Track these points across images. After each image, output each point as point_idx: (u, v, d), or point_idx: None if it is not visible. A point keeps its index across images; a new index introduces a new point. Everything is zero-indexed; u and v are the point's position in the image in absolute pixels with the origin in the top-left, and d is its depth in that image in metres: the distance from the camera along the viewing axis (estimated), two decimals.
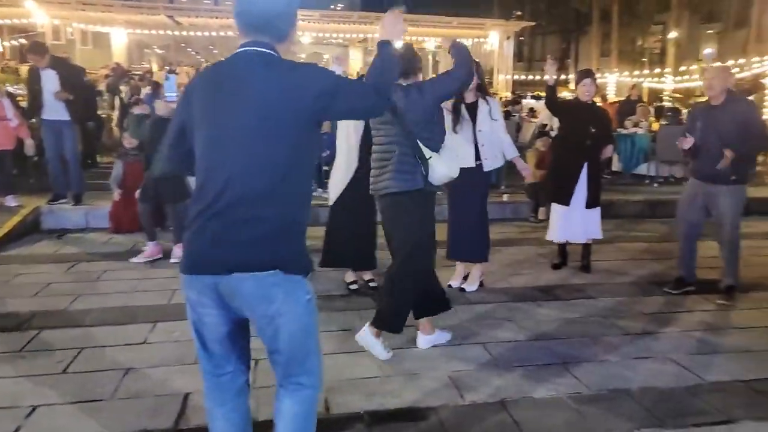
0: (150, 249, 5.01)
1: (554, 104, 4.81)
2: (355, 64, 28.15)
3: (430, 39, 24.05)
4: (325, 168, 6.26)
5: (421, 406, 2.74)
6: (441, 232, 3.79)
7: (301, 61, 2.75)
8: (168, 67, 17.07)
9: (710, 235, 4.33)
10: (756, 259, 5.29)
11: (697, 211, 4.27)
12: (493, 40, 24.11)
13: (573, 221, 4.75)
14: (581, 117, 4.65)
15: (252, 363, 1.98)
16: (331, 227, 4.19)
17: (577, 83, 4.82)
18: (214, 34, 21.08)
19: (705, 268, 4.54)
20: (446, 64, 26.24)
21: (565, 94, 10.32)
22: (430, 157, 3.02)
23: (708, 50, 7.44)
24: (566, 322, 3.82)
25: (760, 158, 10.14)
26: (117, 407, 2.71)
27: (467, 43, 26.34)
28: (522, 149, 8.59)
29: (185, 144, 1.83)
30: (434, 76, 3.73)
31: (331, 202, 4.15)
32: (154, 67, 20.19)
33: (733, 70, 5.71)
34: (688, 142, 4.13)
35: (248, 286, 1.69)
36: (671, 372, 3.15)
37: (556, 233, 4.87)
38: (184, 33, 20.95)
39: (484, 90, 4.30)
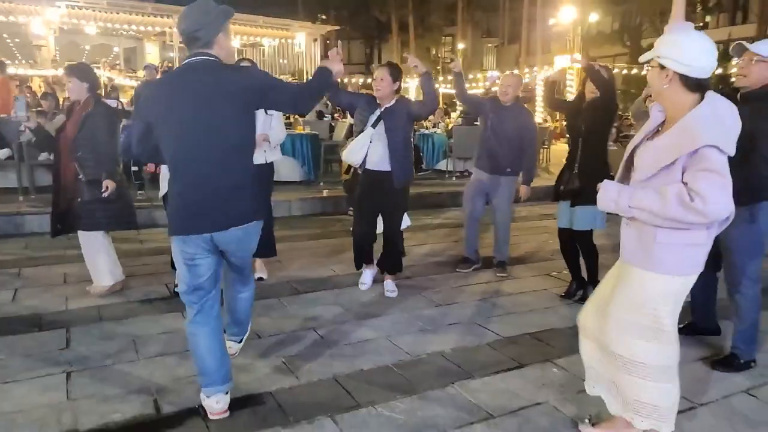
0: None
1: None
2: (152, 59, 26.23)
3: (235, 36, 23.46)
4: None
5: (259, 392, 2.78)
6: None
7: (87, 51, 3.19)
8: None
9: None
10: (531, 237, 6.28)
11: (479, 198, 4.93)
12: (300, 42, 24.37)
13: None
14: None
15: None
16: None
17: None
18: None
19: (488, 247, 5.24)
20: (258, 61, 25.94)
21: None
22: None
23: (492, 73, 8.66)
24: (386, 301, 4.15)
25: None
26: None
27: (274, 43, 26.29)
28: (337, 147, 8.99)
29: (151, 140, 2.43)
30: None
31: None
32: None
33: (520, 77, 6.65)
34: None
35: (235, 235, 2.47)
36: (475, 332, 3.63)
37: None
38: None
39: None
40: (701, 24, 27.81)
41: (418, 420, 2.58)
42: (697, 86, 2.04)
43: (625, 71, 22.40)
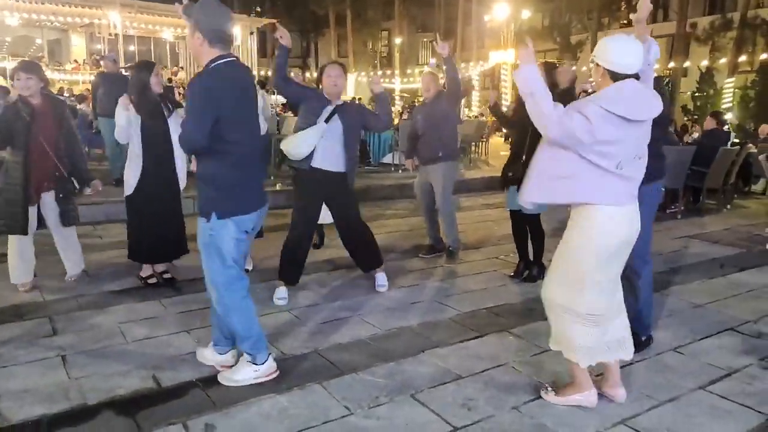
0: None
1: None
2: (79, 51, 25.10)
3: (168, 28, 22.80)
4: None
5: None
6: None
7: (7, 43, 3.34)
8: None
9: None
10: (478, 225, 6.76)
11: (427, 190, 5.32)
12: (236, 34, 24.00)
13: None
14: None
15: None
16: (135, 221, 4.15)
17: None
18: None
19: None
20: (187, 55, 25.31)
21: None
22: None
23: (432, 60, 9.11)
24: (352, 285, 4.47)
25: (473, 147, 12.54)
26: None
27: None
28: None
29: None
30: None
31: (126, 194, 4.10)
32: None
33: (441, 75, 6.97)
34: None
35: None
36: (437, 309, 4.01)
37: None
38: None
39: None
40: (624, 21, 29.60)
41: (397, 382, 2.92)
42: (618, 78, 2.49)
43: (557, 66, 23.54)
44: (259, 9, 32.81)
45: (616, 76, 2.48)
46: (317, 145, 3.87)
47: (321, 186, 4.00)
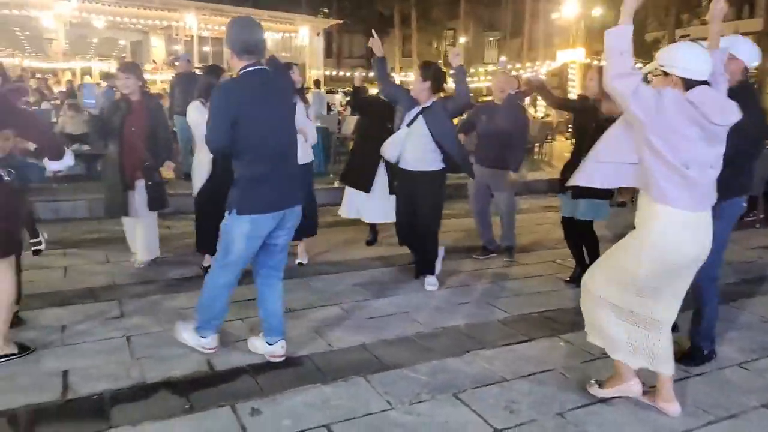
0: None
1: (358, 103, 5.35)
2: (158, 52, 26.41)
3: None
4: None
5: (297, 355, 3.15)
6: None
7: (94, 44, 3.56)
8: None
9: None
10: (535, 228, 6.64)
11: (482, 194, 5.27)
12: (303, 35, 24.52)
13: (371, 202, 5.28)
14: (381, 112, 5.06)
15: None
16: (201, 216, 4.41)
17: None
18: None
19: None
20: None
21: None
22: None
23: (503, 59, 8.96)
24: (402, 282, 4.51)
25: (537, 148, 12.29)
26: None
27: (277, 37, 26.43)
28: (345, 140, 9.32)
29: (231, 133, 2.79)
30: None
31: (195, 192, 4.38)
32: None
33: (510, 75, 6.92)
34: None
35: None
36: (486, 310, 3.99)
37: (345, 209, 5.47)
38: None
39: (301, 93, 4.72)
40: (705, 18, 28.06)
41: (440, 380, 2.94)
42: (692, 86, 2.39)
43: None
44: (326, 10, 33.43)
45: (690, 84, 2.40)
46: (404, 147, 4.20)
47: (407, 184, 4.34)
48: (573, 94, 22.84)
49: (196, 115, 4.20)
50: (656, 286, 2.52)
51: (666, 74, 2.44)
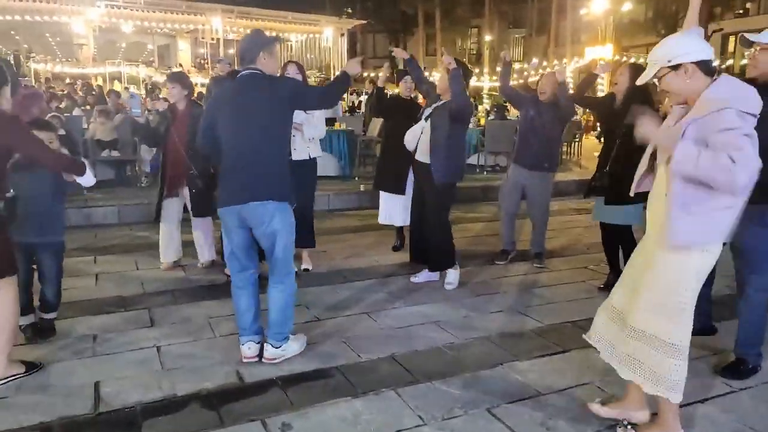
0: None
1: (381, 104, 5.25)
2: (185, 56, 26.76)
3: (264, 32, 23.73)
4: None
5: (326, 366, 3.11)
6: None
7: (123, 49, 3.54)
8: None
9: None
10: (566, 231, 6.49)
11: (515, 194, 5.14)
12: (327, 36, 24.58)
13: (399, 206, 5.23)
14: (405, 112, 5.06)
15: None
16: None
17: (397, 81, 5.37)
18: (17, 18, 18.69)
19: (525, 240, 5.47)
20: (281, 57, 26.10)
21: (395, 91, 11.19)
22: None
23: (534, 60, 8.74)
24: (430, 290, 4.44)
25: (565, 148, 12.07)
26: None
27: (302, 38, 26.51)
28: (371, 143, 9.27)
29: (213, 135, 3.08)
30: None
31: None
32: None
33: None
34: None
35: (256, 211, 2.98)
36: (518, 320, 3.89)
37: (382, 215, 5.40)
38: None
39: None
40: (740, 11, 27.23)
41: (473, 394, 2.86)
42: (710, 70, 2.22)
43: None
44: (350, 10, 33.49)
45: (709, 67, 2.21)
46: (420, 139, 4.38)
47: (418, 175, 4.54)
48: (601, 91, 22.44)
49: None
50: (693, 304, 2.36)
51: (674, 68, 2.22)
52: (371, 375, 3.04)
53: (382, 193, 5.39)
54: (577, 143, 12.98)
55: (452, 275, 4.52)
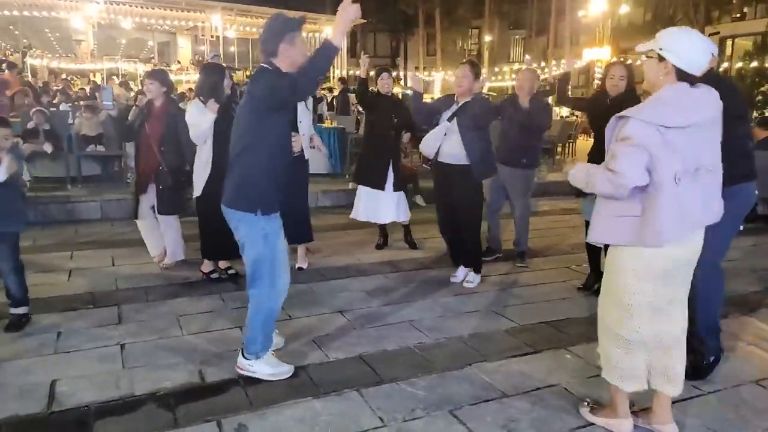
0: None
1: (363, 98, 5.25)
2: (185, 53, 26.70)
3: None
4: None
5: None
6: None
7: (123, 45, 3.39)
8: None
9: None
10: (551, 231, 6.44)
11: (498, 191, 5.11)
12: (328, 35, 24.46)
13: (381, 203, 5.18)
14: (386, 107, 5.10)
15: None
16: (201, 220, 4.35)
17: (376, 78, 5.23)
18: (15, 13, 18.64)
19: (508, 240, 5.42)
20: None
21: (396, 90, 11.15)
22: None
23: (527, 57, 8.76)
24: (409, 289, 4.39)
25: (559, 148, 12.01)
26: None
27: (302, 37, 26.46)
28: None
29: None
30: None
31: (196, 195, 4.30)
32: None
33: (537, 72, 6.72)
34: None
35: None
36: (493, 319, 3.84)
37: (359, 212, 5.27)
38: None
39: None
40: (738, 15, 27.12)
41: (437, 396, 2.81)
42: (686, 78, 2.20)
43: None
44: None
45: (684, 77, 2.20)
46: (443, 141, 4.28)
47: (444, 177, 4.40)
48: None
49: (195, 113, 4.10)
50: (649, 300, 2.36)
51: (660, 58, 2.22)
52: (336, 375, 2.99)
53: (361, 188, 5.29)
54: (571, 144, 12.91)
55: (472, 275, 4.57)
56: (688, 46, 2.20)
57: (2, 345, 3.20)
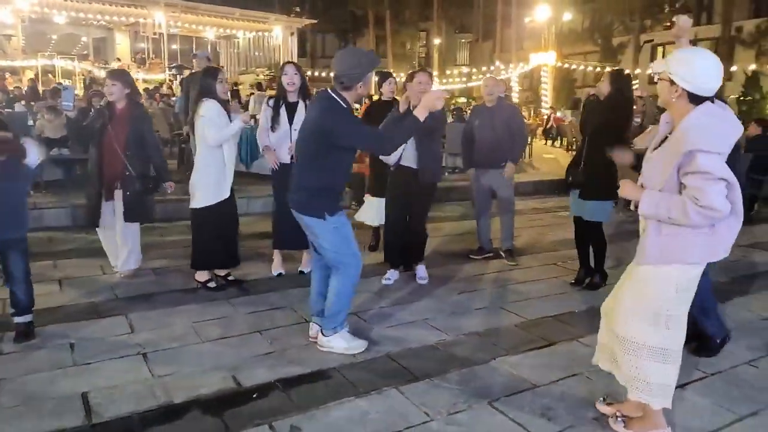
0: None
1: (370, 116, 5.13)
2: (123, 50, 25.63)
3: (210, 28, 23.15)
4: None
5: (324, 368, 3.05)
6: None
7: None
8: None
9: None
10: (530, 229, 6.67)
11: (485, 194, 5.33)
12: (277, 35, 24.18)
13: (382, 206, 5.09)
14: (383, 115, 4.89)
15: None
16: (197, 230, 4.23)
17: (380, 83, 5.25)
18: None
19: (494, 239, 5.57)
20: (228, 54, 25.51)
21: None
22: None
23: (498, 63, 8.97)
24: (413, 289, 4.46)
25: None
26: None
27: (250, 35, 25.94)
28: None
29: None
30: None
31: (199, 206, 4.16)
32: None
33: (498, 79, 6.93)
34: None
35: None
36: (501, 315, 3.97)
37: (373, 218, 5.27)
38: None
39: (306, 92, 4.50)
40: (668, 24, 28.77)
41: (472, 389, 2.89)
42: (697, 100, 2.28)
43: (598, 69, 23.11)
44: (298, 9, 33.09)
45: (697, 99, 2.26)
46: (405, 147, 4.26)
47: (404, 180, 4.47)
48: (546, 95, 23.21)
49: (215, 114, 4.00)
50: (679, 313, 2.46)
51: (672, 82, 2.28)
52: (370, 375, 3.01)
53: (375, 198, 5.23)
54: (528, 146, 13.32)
55: (422, 270, 4.68)
56: (698, 72, 2.24)
57: (17, 359, 3.03)
